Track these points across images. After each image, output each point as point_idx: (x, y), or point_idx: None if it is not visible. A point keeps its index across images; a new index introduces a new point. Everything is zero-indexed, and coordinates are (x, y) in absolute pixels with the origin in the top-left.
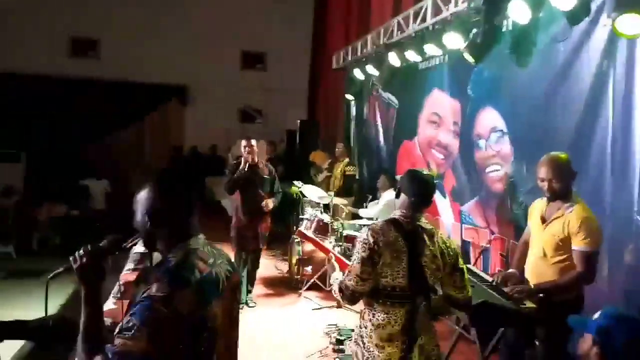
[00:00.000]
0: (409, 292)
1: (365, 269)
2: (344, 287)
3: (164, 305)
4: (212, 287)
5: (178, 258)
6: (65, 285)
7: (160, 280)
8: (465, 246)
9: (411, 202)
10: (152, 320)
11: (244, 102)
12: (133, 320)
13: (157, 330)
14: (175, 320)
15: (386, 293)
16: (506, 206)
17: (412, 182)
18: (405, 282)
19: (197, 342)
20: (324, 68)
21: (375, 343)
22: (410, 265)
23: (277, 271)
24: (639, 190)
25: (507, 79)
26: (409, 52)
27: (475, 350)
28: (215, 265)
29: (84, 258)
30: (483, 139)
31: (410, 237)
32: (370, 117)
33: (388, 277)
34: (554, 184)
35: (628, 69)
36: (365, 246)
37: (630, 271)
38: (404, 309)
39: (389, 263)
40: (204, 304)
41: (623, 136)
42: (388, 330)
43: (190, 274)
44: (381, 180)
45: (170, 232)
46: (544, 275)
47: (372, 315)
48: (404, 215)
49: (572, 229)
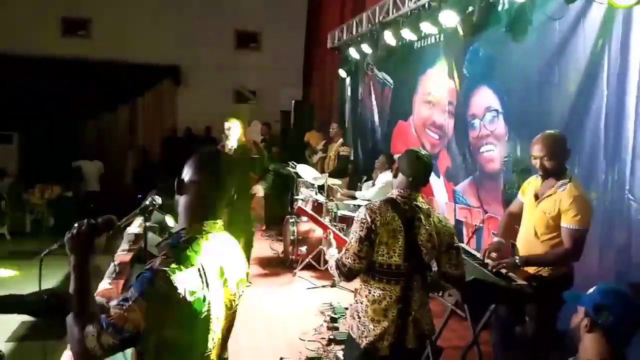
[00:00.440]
0: (404, 270)
1: (363, 247)
2: (341, 265)
3: (164, 280)
4: (215, 272)
5: (189, 236)
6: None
7: (167, 255)
8: (458, 225)
9: (409, 182)
10: (151, 293)
11: (238, 82)
12: (132, 292)
13: (154, 305)
14: (173, 299)
15: (382, 270)
16: (500, 186)
17: (410, 162)
18: (401, 260)
19: (193, 323)
20: (318, 47)
21: (371, 318)
22: (406, 243)
23: (272, 251)
24: (631, 170)
25: (502, 58)
26: (405, 30)
27: (467, 327)
28: (224, 253)
29: (77, 229)
30: (478, 118)
31: (406, 217)
32: (365, 97)
33: (385, 255)
34: (546, 161)
35: (623, 48)
36: (363, 225)
37: (621, 250)
38: (399, 286)
39: (385, 242)
40: (204, 286)
41: (616, 115)
42: (383, 305)
43: (197, 255)
44: (380, 160)
45: (192, 207)
46: (534, 251)
47: (368, 292)
48: (402, 194)
49: (563, 206)
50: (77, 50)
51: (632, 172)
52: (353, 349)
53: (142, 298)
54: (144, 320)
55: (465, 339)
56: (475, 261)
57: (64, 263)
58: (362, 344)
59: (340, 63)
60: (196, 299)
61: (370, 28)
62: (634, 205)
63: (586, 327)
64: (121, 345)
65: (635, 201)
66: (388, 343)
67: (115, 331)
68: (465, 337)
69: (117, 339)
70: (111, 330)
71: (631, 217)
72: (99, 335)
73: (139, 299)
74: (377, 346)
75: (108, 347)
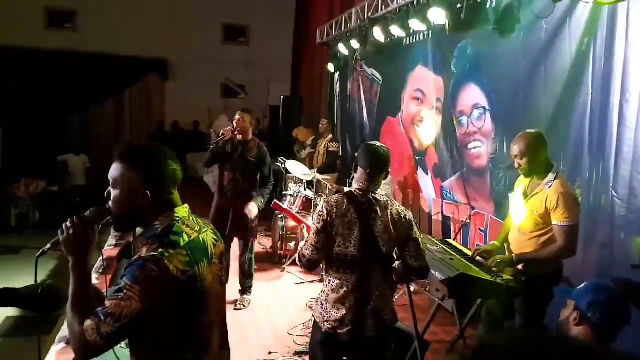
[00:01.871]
0: (360, 260)
1: (319, 238)
2: (301, 256)
3: (155, 264)
4: (201, 251)
5: (165, 224)
6: (49, 260)
7: (149, 244)
8: (446, 221)
9: (366, 174)
10: (144, 278)
11: (226, 76)
12: (125, 281)
13: (149, 290)
14: (166, 279)
15: (339, 260)
16: (486, 182)
17: (366, 154)
18: (356, 251)
19: (190, 302)
20: (307, 42)
21: (332, 305)
22: (361, 235)
23: (261, 247)
24: (615, 167)
25: (490, 56)
26: (394, 27)
27: (454, 322)
28: (202, 232)
29: (71, 229)
30: (465, 115)
31: (362, 209)
32: (353, 93)
33: (341, 246)
34: (520, 160)
35: (607, 48)
36: (320, 218)
37: (604, 245)
38: (355, 276)
39: (341, 233)
40: (194, 265)
41: (601, 113)
42: (341, 294)
43: (179, 237)
44: None
45: (155, 204)
46: (524, 248)
47: (329, 281)
48: (360, 188)
49: (550, 204)
50: (63, 42)
51: (616, 170)
52: (317, 332)
53: (136, 284)
54: (141, 305)
55: (452, 334)
56: (462, 257)
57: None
58: (324, 327)
59: (329, 58)
60: (188, 277)
61: (359, 24)
62: (617, 202)
63: (575, 321)
64: (121, 332)
65: (618, 198)
66: (347, 330)
67: (114, 320)
68: (451, 332)
69: (116, 327)
70: (110, 320)
71: (614, 213)
72: (98, 327)
73: (133, 285)
74: (337, 331)
75: (108, 337)
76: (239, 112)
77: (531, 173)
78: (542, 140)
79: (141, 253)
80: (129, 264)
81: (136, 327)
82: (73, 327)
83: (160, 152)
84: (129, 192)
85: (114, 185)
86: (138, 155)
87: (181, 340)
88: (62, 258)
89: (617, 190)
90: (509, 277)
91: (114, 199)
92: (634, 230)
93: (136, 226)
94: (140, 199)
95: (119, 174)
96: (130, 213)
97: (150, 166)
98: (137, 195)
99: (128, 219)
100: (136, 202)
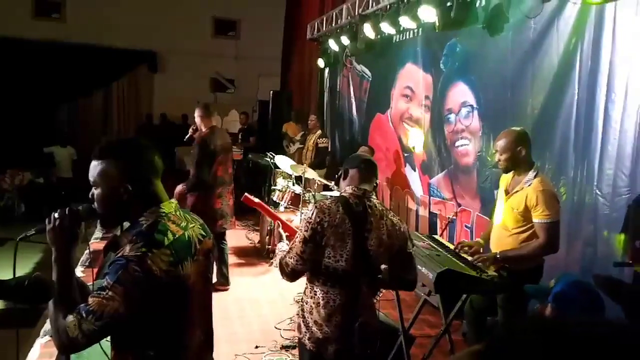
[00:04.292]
0: (351, 275)
1: (307, 248)
2: (284, 264)
3: (138, 265)
4: (185, 249)
5: (150, 221)
6: (34, 253)
7: (134, 242)
8: (432, 218)
9: (359, 172)
10: (126, 279)
11: (215, 70)
12: (107, 280)
13: (131, 290)
14: (149, 280)
15: (328, 273)
16: (473, 180)
17: (355, 157)
18: (348, 265)
19: (171, 302)
20: (298, 38)
21: (315, 320)
22: (355, 248)
23: (249, 241)
24: (599, 166)
25: (479, 54)
26: (384, 24)
27: (439, 316)
28: (188, 228)
29: (59, 220)
30: (453, 113)
31: (357, 219)
32: (343, 89)
33: (331, 259)
34: (500, 155)
35: (594, 48)
36: (309, 225)
37: (587, 243)
38: (344, 291)
39: (332, 245)
40: (177, 264)
41: (586, 113)
42: (328, 310)
43: (163, 236)
44: (362, 151)
45: (139, 197)
46: (504, 244)
47: (313, 293)
48: (355, 193)
49: (530, 202)
50: (50, 32)
51: (600, 168)
52: (303, 348)
53: (118, 284)
54: (123, 305)
55: (437, 328)
56: (448, 252)
57: (38, 249)
58: (308, 346)
59: (319, 54)
60: (171, 277)
61: (349, 20)
62: (600, 200)
63: (550, 314)
64: (102, 331)
65: (602, 196)
66: (334, 349)
67: (96, 318)
68: (437, 326)
69: (98, 325)
70: (91, 318)
71: (598, 211)
72: (79, 323)
73: (115, 285)
74: (322, 351)
75: (90, 334)
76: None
77: (509, 169)
78: (525, 138)
79: (125, 251)
80: (112, 261)
81: (117, 325)
82: (55, 321)
83: (134, 143)
84: (110, 189)
85: (95, 185)
86: (111, 150)
87: (160, 339)
88: (47, 250)
89: (601, 189)
90: (494, 274)
91: (97, 199)
92: (617, 228)
93: (124, 221)
94: (122, 194)
95: (96, 172)
96: (116, 210)
97: (125, 158)
98: (119, 191)
99: (114, 216)
100: (119, 198)
